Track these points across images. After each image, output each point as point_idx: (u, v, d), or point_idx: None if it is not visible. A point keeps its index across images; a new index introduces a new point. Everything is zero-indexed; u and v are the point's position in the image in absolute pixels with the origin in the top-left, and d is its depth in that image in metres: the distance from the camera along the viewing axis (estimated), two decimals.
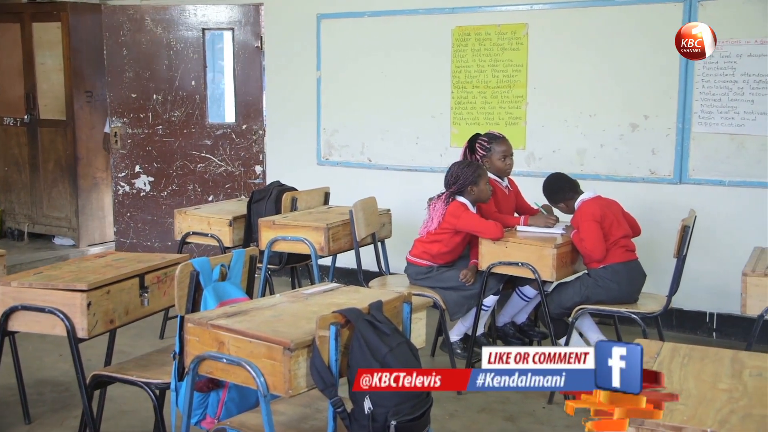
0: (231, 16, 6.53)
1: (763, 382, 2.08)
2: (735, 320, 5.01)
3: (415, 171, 5.95)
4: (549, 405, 3.99)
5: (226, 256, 3.00)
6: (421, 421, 2.40)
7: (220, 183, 6.71)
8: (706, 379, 2.10)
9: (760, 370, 2.17)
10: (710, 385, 2.05)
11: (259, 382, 2.31)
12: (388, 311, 2.54)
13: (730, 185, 4.94)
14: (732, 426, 1.81)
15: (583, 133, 5.34)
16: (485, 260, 4.08)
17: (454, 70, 5.74)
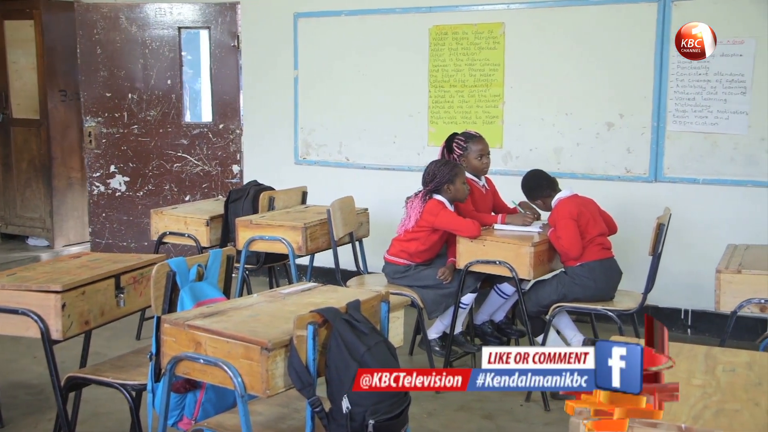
0: (207, 15, 6.50)
1: (736, 378, 2.11)
2: (709, 317, 5.07)
3: (392, 170, 5.95)
4: (526, 402, 4.01)
5: (203, 256, 2.99)
6: (399, 420, 2.40)
7: (197, 183, 6.67)
8: (680, 375, 2.11)
9: (733, 366, 2.20)
10: (684, 381, 2.07)
11: (236, 383, 2.30)
12: (365, 310, 2.54)
13: (704, 183, 5.00)
14: (705, 421, 1.82)
15: (559, 131, 5.37)
16: (463, 259, 4.09)
17: (432, 69, 5.75)
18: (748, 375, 2.13)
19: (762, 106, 4.79)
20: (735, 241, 4.16)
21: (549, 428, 3.75)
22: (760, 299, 3.37)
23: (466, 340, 4.36)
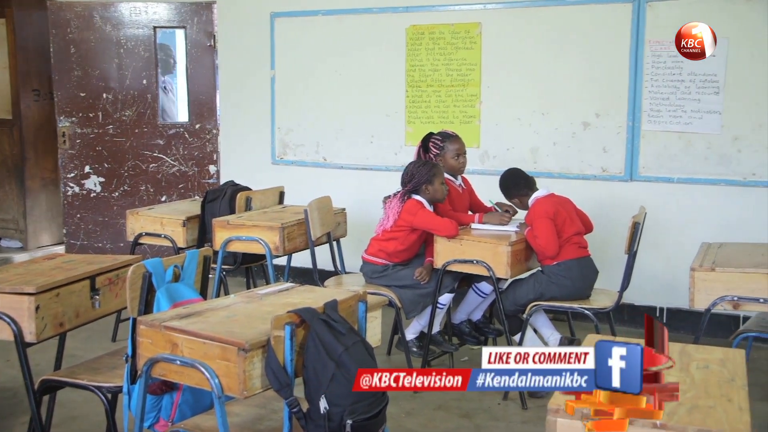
0: (183, 14, 6.46)
1: (710, 374, 2.13)
2: (684, 314, 5.12)
3: (370, 170, 5.95)
4: (504, 401, 4.03)
5: (180, 256, 2.97)
6: (377, 419, 2.40)
7: (173, 183, 6.63)
8: None
9: (707, 363, 2.22)
10: None
11: (213, 384, 2.29)
12: (343, 310, 2.54)
13: (679, 182, 5.04)
14: (680, 418, 1.84)
15: (536, 131, 5.40)
16: (440, 258, 4.10)
17: (409, 68, 5.75)
18: (721, 371, 2.16)
19: (734, 105, 4.84)
20: (709, 240, 4.20)
21: (526, 426, 3.77)
22: (733, 297, 3.40)
23: (443, 339, 4.37)
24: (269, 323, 2.32)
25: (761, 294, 3.37)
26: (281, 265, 5.30)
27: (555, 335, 4.12)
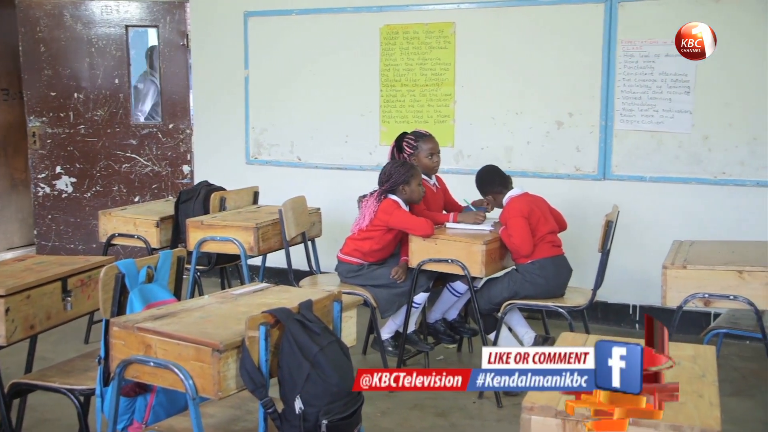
0: (155, 13, 6.41)
1: (681, 371, 2.15)
2: (656, 312, 5.16)
3: (344, 169, 5.95)
4: (479, 400, 4.04)
5: (153, 257, 2.95)
6: (353, 419, 2.40)
7: (147, 183, 6.58)
8: None
9: (679, 359, 2.24)
10: None
11: (187, 385, 2.27)
12: (318, 310, 2.53)
13: (651, 181, 5.09)
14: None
15: (510, 130, 5.42)
16: (415, 257, 4.11)
17: (383, 68, 5.75)
18: (692, 368, 2.18)
19: (705, 105, 4.90)
20: (680, 238, 4.25)
21: (501, 424, 3.79)
22: (704, 294, 3.44)
23: (419, 338, 4.38)
24: (244, 324, 2.32)
25: (731, 291, 3.41)
26: (256, 265, 5.28)
27: (530, 333, 4.14)
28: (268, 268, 5.24)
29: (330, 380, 2.33)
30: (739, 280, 3.41)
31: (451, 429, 3.75)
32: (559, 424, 1.89)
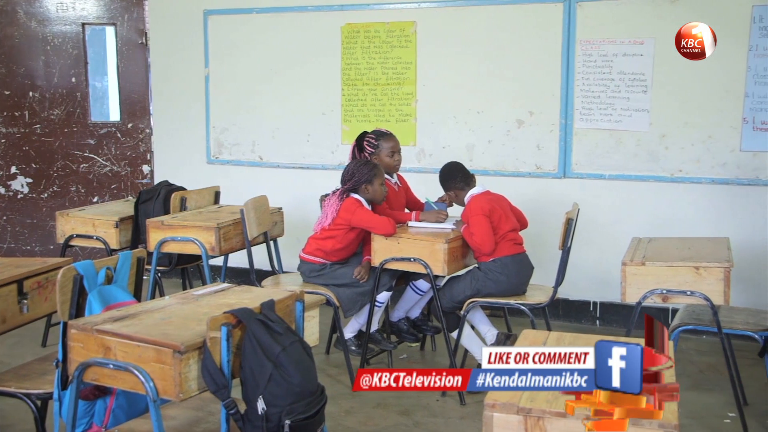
0: (112, 11, 6.32)
1: None
2: (616, 308, 5.24)
3: (306, 169, 5.93)
4: (443, 398, 4.06)
5: (112, 258, 2.91)
6: (316, 419, 2.40)
7: (106, 183, 6.49)
8: None
9: None
10: None
11: (148, 387, 2.24)
12: (280, 310, 2.52)
13: (610, 179, 5.16)
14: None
15: (471, 129, 5.45)
16: (378, 256, 4.11)
17: (344, 67, 5.75)
18: None
19: (662, 104, 4.98)
20: (639, 234, 4.31)
21: (465, 422, 3.81)
22: (662, 290, 3.50)
23: (382, 337, 4.38)
24: (205, 324, 2.30)
25: (688, 287, 3.47)
26: (218, 265, 5.24)
27: (492, 331, 4.17)
28: (229, 268, 5.20)
29: (292, 380, 2.32)
30: (696, 276, 3.48)
31: (414, 427, 3.76)
32: (520, 420, 1.90)
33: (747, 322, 3.79)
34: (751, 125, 4.79)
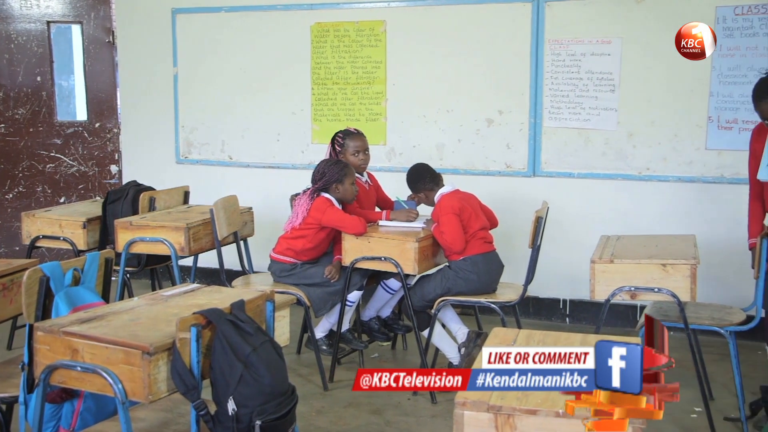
0: (78, 9, 6.24)
1: None
2: (586, 305, 5.29)
3: (276, 168, 5.91)
4: (414, 396, 4.07)
5: (80, 259, 2.87)
6: (287, 419, 2.39)
7: (73, 184, 6.41)
8: None
9: None
10: None
11: (116, 389, 2.22)
12: (250, 310, 2.51)
13: (579, 177, 5.20)
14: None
15: (441, 128, 5.47)
16: (349, 256, 4.11)
17: (314, 66, 5.73)
18: None
19: (629, 103, 5.03)
20: (608, 232, 4.35)
21: (436, 420, 3.82)
22: (631, 287, 3.54)
23: (353, 337, 4.38)
24: (174, 325, 2.28)
25: (656, 284, 3.51)
26: (187, 266, 5.20)
27: (463, 329, 4.18)
28: (199, 268, 5.16)
29: (263, 380, 2.31)
30: (663, 273, 3.52)
31: (386, 426, 3.76)
32: (491, 418, 1.91)
33: (713, 317, 3.84)
34: (716, 124, 4.86)
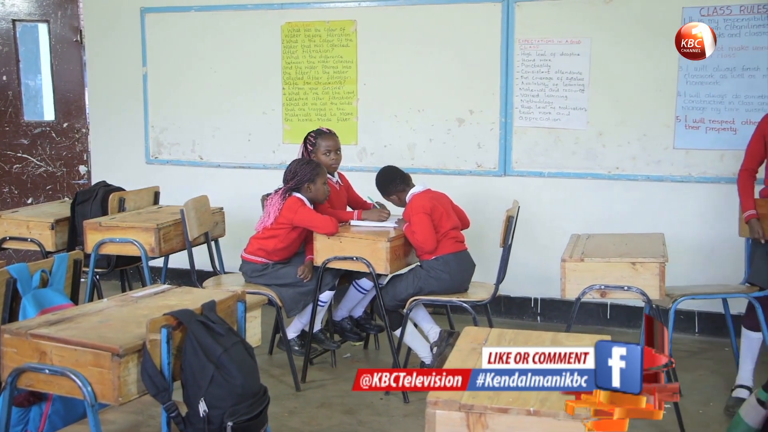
0: (45, 8, 6.17)
1: None
2: (557, 304, 5.33)
3: (247, 168, 5.88)
4: (386, 396, 4.07)
5: (48, 261, 2.84)
6: (259, 420, 2.38)
7: (40, 184, 6.33)
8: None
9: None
10: None
11: (85, 392, 2.20)
12: (221, 311, 2.50)
13: (549, 176, 5.24)
14: (552, 404, 1.92)
15: (412, 128, 5.48)
16: (320, 255, 4.10)
17: (285, 66, 5.71)
18: None
19: (598, 102, 5.07)
20: (578, 231, 4.39)
21: (408, 420, 3.82)
22: (601, 285, 3.57)
23: (325, 337, 4.37)
24: (145, 327, 2.26)
25: (625, 282, 3.55)
26: (158, 266, 5.16)
27: (435, 329, 4.19)
28: (170, 269, 5.12)
29: (235, 381, 2.30)
30: (633, 271, 3.56)
31: (359, 426, 3.76)
32: (462, 417, 1.92)
33: None
34: (684, 123, 4.92)
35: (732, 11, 4.70)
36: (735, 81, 4.77)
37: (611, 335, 2.75)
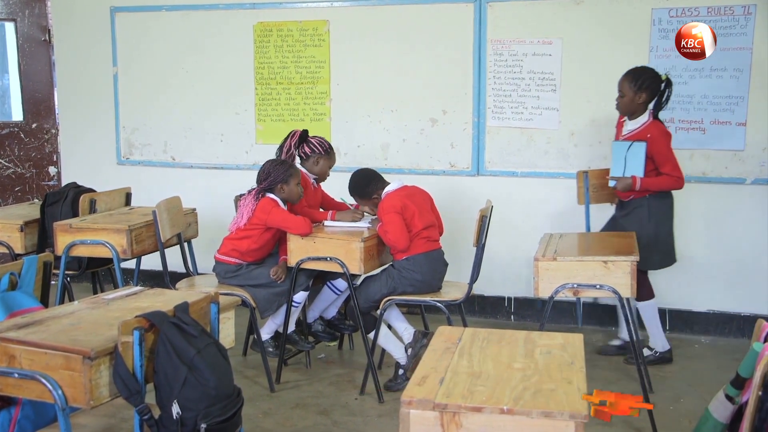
0: (11, 6, 6.09)
1: (552, 359, 2.25)
2: (530, 303, 5.36)
3: (220, 169, 5.85)
4: (361, 396, 4.07)
5: (17, 263, 2.81)
6: (233, 421, 2.37)
7: (9, 186, 6.25)
8: (502, 360, 2.23)
9: (549, 348, 2.34)
10: (506, 366, 2.18)
11: (56, 395, 2.17)
12: (194, 312, 2.48)
13: (522, 176, 5.27)
14: (525, 402, 1.93)
15: (386, 128, 5.48)
16: (294, 256, 4.09)
17: (257, 66, 5.69)
18: (562, 356, 2.28)
19: (570, 102, 5.11)
20: (550, 230, 4.41)
21: (383, 419, 3.83)
22: (573, 284, 3.60)
23: (299, 338, 4.36)
24: (116, 329, 2.24)
25: (597, 281, 3.58)
26: (130, 268, 5.11)
27: (409, 329, 4.20)
28: (143, 271, 5.09)
29: (208, 383, 2.28)
30: (605, 270, 3.59)
31: (333, 426, 3.76)
32: (436, 416, 1.93)
33: None
34: None
35: (700, 12, 4.75)
36: (703, 81, 4.83)
37: (584, 333, 2.77)
